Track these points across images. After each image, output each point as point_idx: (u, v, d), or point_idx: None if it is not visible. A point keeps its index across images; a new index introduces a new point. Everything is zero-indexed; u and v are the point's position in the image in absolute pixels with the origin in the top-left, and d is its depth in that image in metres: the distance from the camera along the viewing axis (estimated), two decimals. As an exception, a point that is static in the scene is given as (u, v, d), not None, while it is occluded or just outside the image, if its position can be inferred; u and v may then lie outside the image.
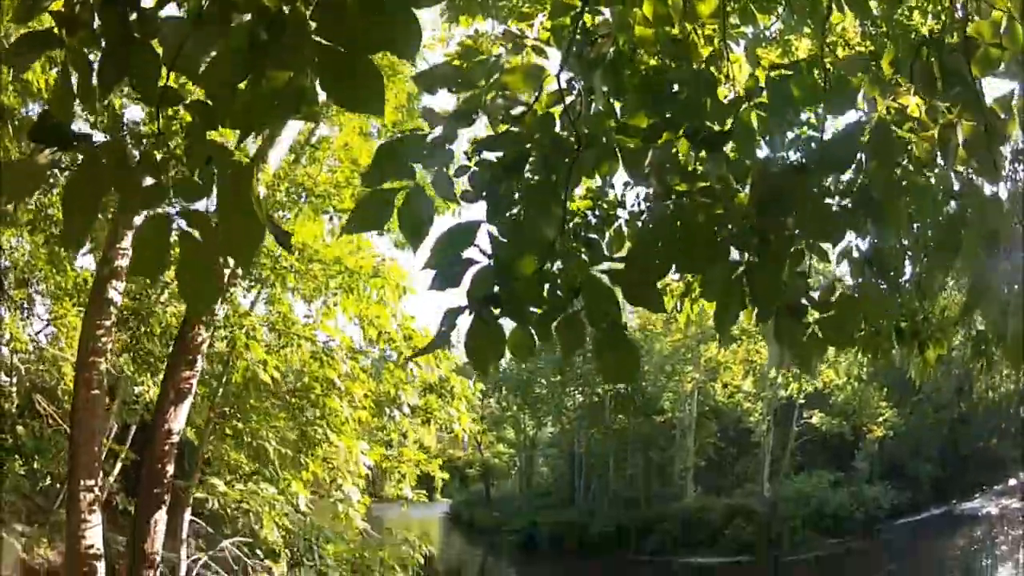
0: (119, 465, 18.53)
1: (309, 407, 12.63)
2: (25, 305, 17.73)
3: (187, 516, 12.76)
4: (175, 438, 11.81)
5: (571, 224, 4.03)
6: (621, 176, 4.23)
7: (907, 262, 9.04)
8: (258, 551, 13.19)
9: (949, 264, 9.48)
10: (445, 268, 3.00)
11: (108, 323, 11.74)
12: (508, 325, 3.15)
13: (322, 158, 15.06)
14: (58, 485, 16.38)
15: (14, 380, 18.08)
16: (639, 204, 4.82)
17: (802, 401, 47.68)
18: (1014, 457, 45.56)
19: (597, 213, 5.03)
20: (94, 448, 11.60)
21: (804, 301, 3.56)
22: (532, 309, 3.08)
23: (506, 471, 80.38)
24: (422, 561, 13.18)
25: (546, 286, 3.07)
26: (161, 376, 12.61)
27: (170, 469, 11.68)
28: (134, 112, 12.91)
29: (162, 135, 2.89)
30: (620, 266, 3.30)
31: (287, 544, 12.12)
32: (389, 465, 14.16)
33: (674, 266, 3.34)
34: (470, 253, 3.04)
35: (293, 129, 12.33)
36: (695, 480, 51.58)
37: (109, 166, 2.73)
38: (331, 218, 12.67)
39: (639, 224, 4.03)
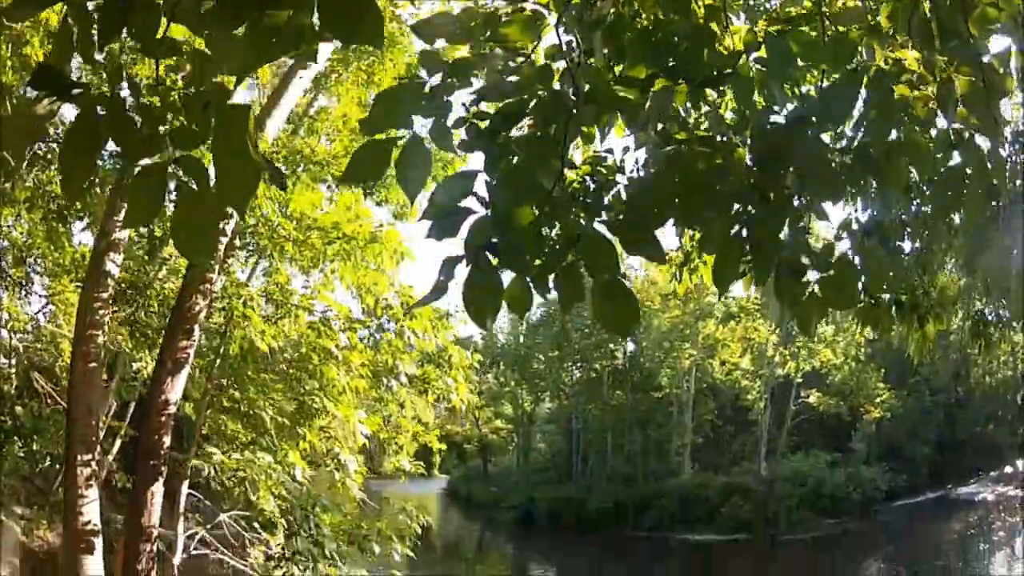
0: (118, 443, 18.60)
1: (307, 378, 12.63)
2: (23, 283, 17.73)
3: (184, 489, 12.77)
4: (172, 409, 11.76)
5: (570, 189, 4.03)
6: (620, 142, 4.22)
7: (906, 239, 9.07)
8: (255, 524, 13.22)
9: (949, 239, 9.51)
10: (442, 217, 2.99)
11: (105, 295, 11.73)
12: (507, 281, 3.14)
13: (320, 129, 15.03)
14: (57, 466, 16.43)
15: (13, 362, 18.09)
16: (638, 171, 4.81)
17: (799, 380, 47.84)
18: (1011, 444, 45.78)
19: (596, 179, 5.02)
20: (91, 422, 11.58)
21: (804, 260, 3.55)
22: (530, 260, 3.07)
23: (504, 447, 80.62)
24: (419, 531, 13.21)
25: (544, 234, 3.06)
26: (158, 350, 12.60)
27: (167, 441, 11.63)
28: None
29: (161, 85, 2.90)
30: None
31: (284, 514, 12.13)
32: (387, 436, 14.18)
33: (673, 220, 3.34)
34: (468, 203, 3.04)
35: (292, 97, 12.26)
36: (692, 457, 51.80)
37: (107, 117, 2.74)
38: (329, 186, 12.64)
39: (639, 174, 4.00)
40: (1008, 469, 45.31)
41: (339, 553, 12.19)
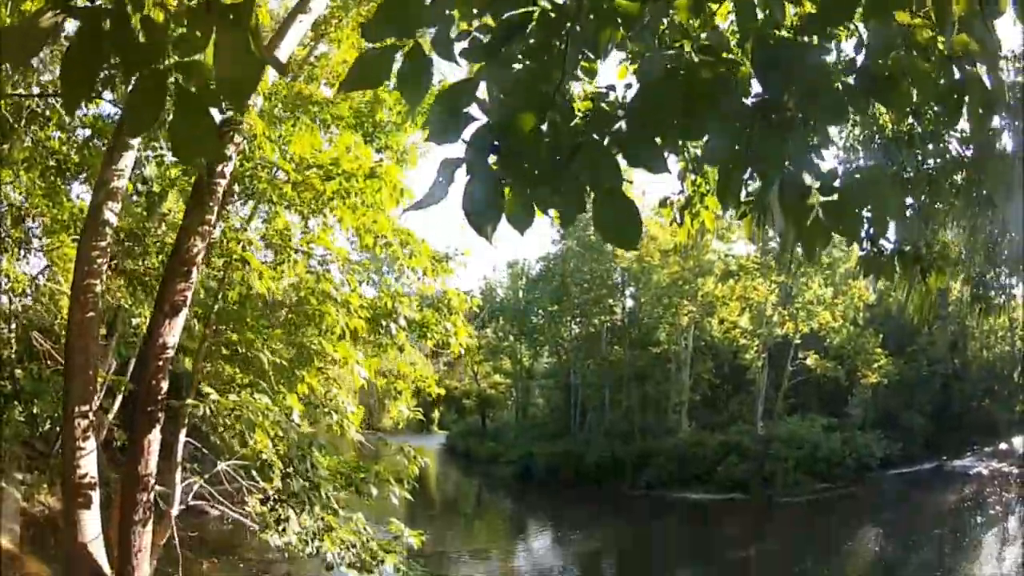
0: (118, 402, 18.68)
1: (306, 322, 12.63)
2: (22, 243, 17.75)
3: (182, 439, 12.80)
4: (169, 353, 11.74)
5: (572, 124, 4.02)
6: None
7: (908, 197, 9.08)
8: (253, 472, 13.26)
9: (950, 199, 9.49)
10: (444, 122, 3.00)
11: (104, 244, 11.70)
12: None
13: (320, 75, 14.96)
14: (57, 429, 16.54)
15: (13, 326, 18.13)
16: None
17: (798, 342, 47.97)
18: (1007, 420, 46.02)
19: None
20: (89, 373, 11.57)
21: (808, 182, 3.55)
22: (530, 168, 3.07)
23: (502, 402, 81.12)
24: (418, 471, 13.28)
25: (545, 142, 3.05)
26: (159, 306, 12.57)
27: (164, 386, 11.59)
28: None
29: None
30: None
31: (280, 456, 12.17)
32: (386, 383, 14.22)
33: (677, 132, 3.34)
34: (469, 111, 3.04)
35: (291, 42, 12.15)
36: (689, 415, 52.05)
37: (110, 30, 2.74)
38: (328, 129, 12.55)
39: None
40: (1003, 445, 45.53)
41: (336, 496, 12.24)
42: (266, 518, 12.48)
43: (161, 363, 11.67)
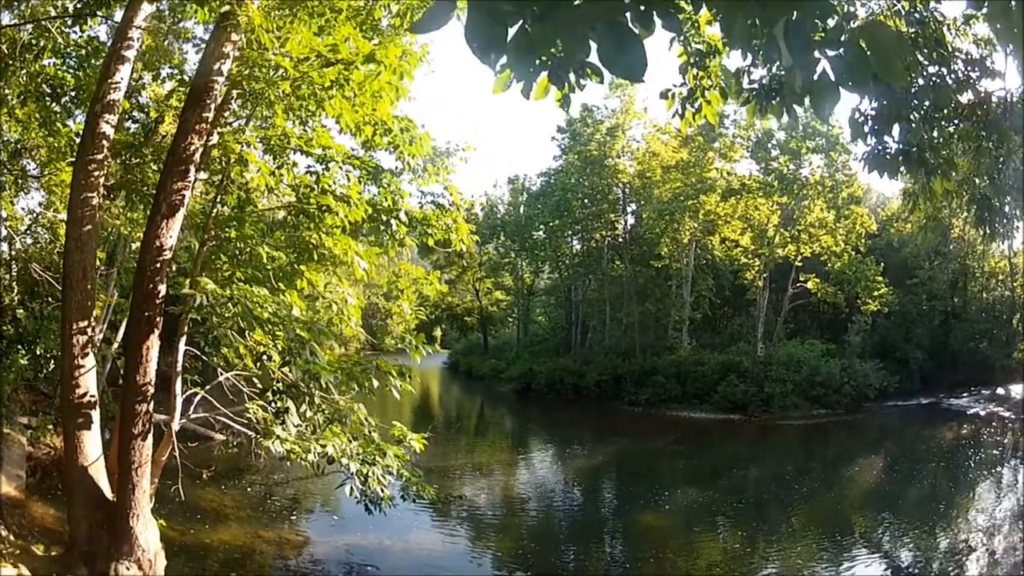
0: (121, 332, 18.61)
1: (306, 221, 12.47)
2: (20, 179, 17.60)
3: (182, 347, 12.70)
4: (167, 255, 11.62)
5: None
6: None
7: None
8: (254, 380, 13.20)
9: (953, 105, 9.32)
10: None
11: (100, 156, 11.53)
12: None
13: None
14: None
15: (15, 270, 17.99)
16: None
17: (799, 264, 47.84)
18: (1003, 365, 46.00)
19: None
20: (87, 286, 11.46)
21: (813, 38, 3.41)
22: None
23: (503, 319, 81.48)
24: (419, 361, 13.22)
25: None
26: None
27: (162, 289, 11.49)
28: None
29: None
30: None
31: (280, 351, 12.08)
32: (388, 281, 14.12)
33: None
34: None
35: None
36: (690, 334, 52.19)
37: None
38: (326, 20, 12.22)
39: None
40: (1000, 390, 45.54)
41: (336, 386, 12.18)
42: (267, 424, 12.43)
43: (159, 265, 11.54)
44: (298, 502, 21.10)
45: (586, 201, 55.27)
